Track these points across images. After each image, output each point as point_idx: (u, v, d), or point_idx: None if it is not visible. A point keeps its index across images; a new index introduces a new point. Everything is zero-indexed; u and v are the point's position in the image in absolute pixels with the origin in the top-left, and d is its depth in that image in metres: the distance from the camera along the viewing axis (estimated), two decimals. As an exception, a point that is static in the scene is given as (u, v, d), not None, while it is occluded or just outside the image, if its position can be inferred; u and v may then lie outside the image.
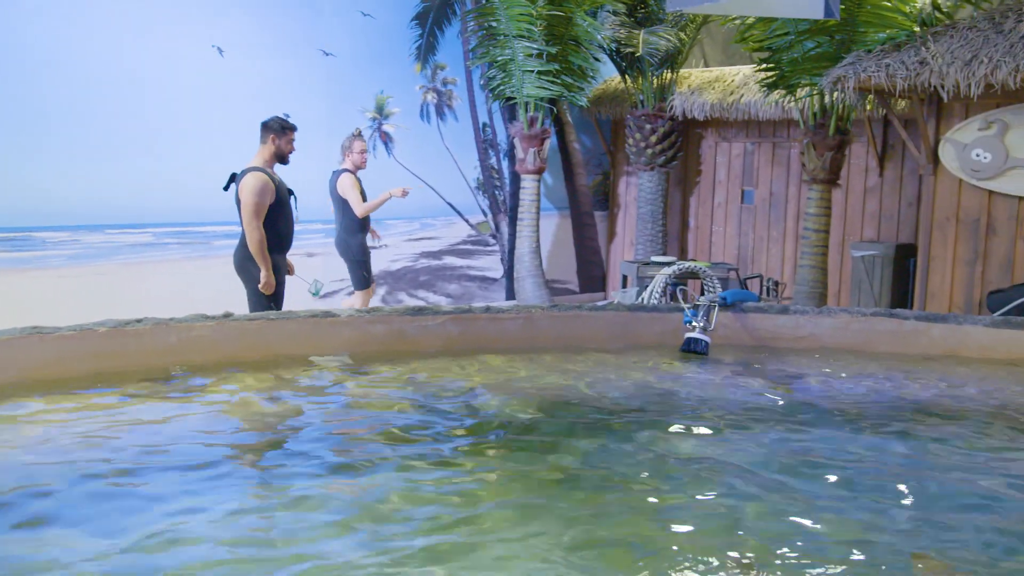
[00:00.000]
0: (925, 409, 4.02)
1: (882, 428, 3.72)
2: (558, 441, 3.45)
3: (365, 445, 3.34)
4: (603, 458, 3.27)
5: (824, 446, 3.47)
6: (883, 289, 8.66)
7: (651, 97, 10.14)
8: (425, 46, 9.61)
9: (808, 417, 3.89)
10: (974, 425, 3.78)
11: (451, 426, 3.63)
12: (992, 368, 4.77)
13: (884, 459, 3.34)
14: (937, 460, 3.34)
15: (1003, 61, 6.70)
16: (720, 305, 5.18)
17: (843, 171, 9.05)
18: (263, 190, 5.69)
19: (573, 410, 3.90)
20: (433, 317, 4.95)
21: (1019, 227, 7.48)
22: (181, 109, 7.76)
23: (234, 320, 4.53)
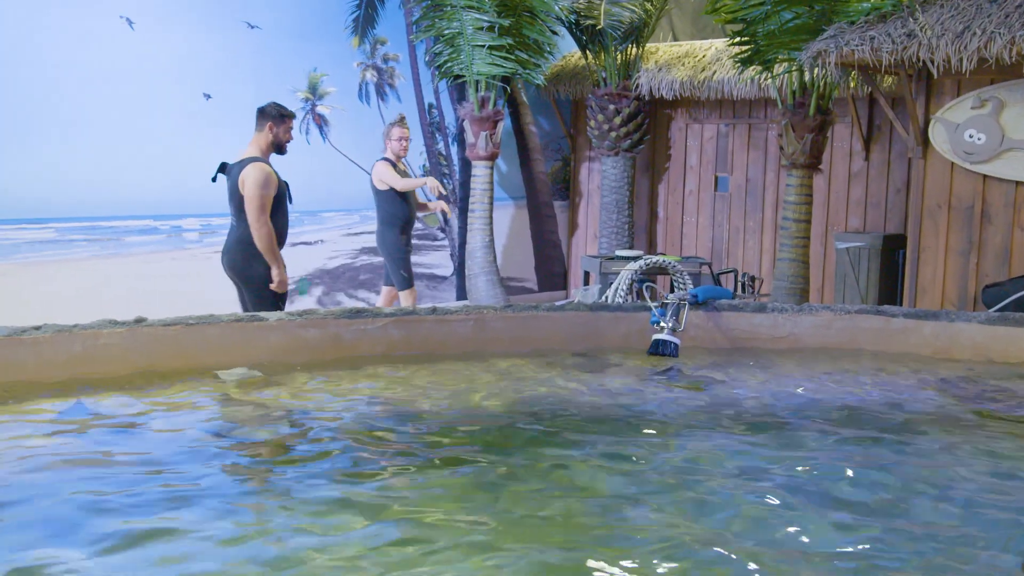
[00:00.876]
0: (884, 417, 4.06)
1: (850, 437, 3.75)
2: (509, 453, 3.43)
3: (292, 463, 3.29)
4: (561, 470, 3.25)
5: (786, 455, 3.49)
6: (870, 284, 8.77)
7: (615, 75, 10.16)
8: (363, 18, 9.54)
9: (782, 423, 3.92)
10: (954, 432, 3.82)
11: (388, 441, 3.60)
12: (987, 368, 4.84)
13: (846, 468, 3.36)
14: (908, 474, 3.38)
15: (997, 33, 6.80)
16: (691, 303, 5.19)
17: (825, 155, 9.15)
18: (267, 182, 5.77)
19: (527, 419, 3.88)
20: (373, 320, 4.91)
21: (1016, 215, 7.61)
22: (85, 89, 7.62)
23: (147, 326, 4.45)
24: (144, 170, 7.92)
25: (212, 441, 3.53)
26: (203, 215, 8.39)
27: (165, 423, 3.69)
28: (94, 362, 4.22)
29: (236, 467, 3.30)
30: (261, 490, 3.09)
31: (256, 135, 5.96)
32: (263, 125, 5.94)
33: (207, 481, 3.08)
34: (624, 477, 3.23)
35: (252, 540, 2.62)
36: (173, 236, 8.26)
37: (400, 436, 3.68)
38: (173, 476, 3.11)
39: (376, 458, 3.39)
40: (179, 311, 4.75)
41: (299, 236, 9.09)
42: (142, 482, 3.04)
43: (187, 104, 8.16)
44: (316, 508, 2.86)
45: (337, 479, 3.14)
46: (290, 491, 3.01)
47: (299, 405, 4.05)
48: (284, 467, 3.30)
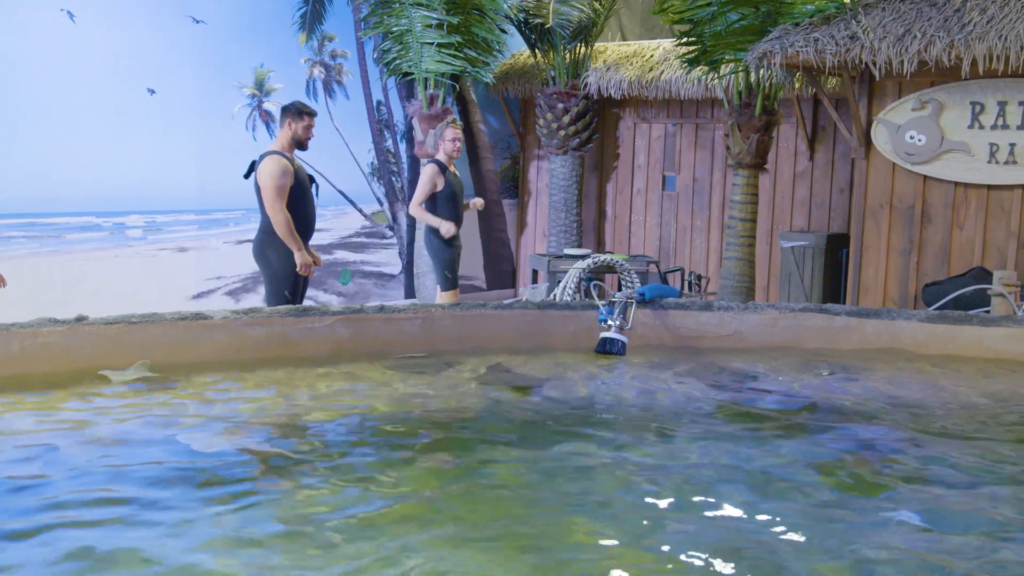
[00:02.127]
0: (818, 410, 4.13)
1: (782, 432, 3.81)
2: (460, 453, 3.43)
3: (236, 468, 3.26)
4: (510, 469, 3.26)
5: (741, 452, 3.53)
6: (814, 282, 8.90)
7: (563, 73, 10.20)
8: (311, 14, 9.48)
9: (728, 421, 3.96)
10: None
11: (335, 442, 3.58)
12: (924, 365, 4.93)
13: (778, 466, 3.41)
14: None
15: (937, 36, 6.94)
16: (638, 302, 5.23)
17: (771, 155, 9.27)
18: (283, 172, 6.01)
19: (474, 418, 3.89)
20: (320, 318, 4.88)
21: (955, 215, 7.77)
22: (24, 83, 7.47)
23: (88, 325, 4.39)
24: (86, 166, 7.80)
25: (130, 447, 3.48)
26: (147, 212, 8.29)
27: (100, 431, 3.64)
28: (33, 362, 4.14)
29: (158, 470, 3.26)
30: (187, 496, 3.06)
31: (279, 132, 6.22)
32: (284, 121, 6.17)
33: (140, 489, 3.04)
34: (565, 478, 3.25)
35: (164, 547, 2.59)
36: (116, 233, 8.15)
37: (357, 436, 3.66)
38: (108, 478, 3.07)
39: (334, 459, 3.38)
40: (122, 310, 4.69)
41: (245, 234, 9.01)
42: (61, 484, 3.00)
43: (131, 99, 8.05)
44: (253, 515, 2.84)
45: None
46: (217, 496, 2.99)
47: (238, 407, 4.02)
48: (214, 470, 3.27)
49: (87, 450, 3.32)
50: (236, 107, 8.86)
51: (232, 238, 8.91)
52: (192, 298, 8.52)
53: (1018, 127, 7.33)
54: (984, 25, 6.85)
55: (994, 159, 7.45)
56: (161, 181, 8.28)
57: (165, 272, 8.41)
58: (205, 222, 8.70)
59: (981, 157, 7.50)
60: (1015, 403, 4.32)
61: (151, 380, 4.22)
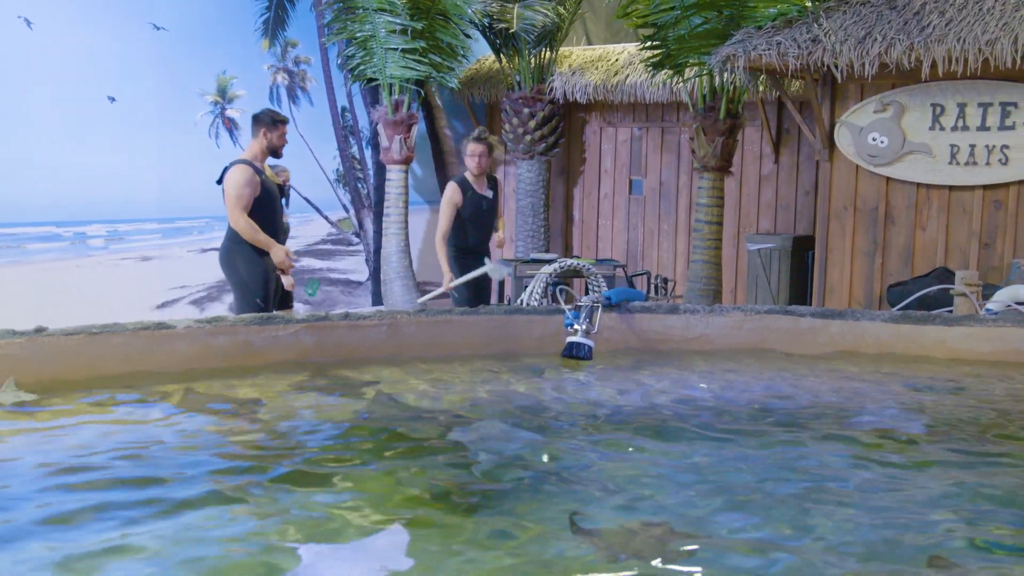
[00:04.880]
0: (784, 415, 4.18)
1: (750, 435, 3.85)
2: (427, 461, 3.44)
3: (196, 480, 3.25)
4: (477, 476, 3.27)
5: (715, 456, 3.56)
6: (781, 284, 8.97)
7: (529, 78, 10.24)
8: (273, 20, 9.46)
9: (697, 423, 4.00)
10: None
11: (301, 451, 3.58)
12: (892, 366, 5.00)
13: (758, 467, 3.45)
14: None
15: (897, 39, 7.03)
16: (604, 306, 5.26)
17: (736, 158, 9.33)
18: (247, 182, 6.02)
19: (437, 425, 3.89)
20: (284, 327, 4.88)
21: (918, 216, 7.87)
22: (-17, 92, 7.41)
23: (48, 336, 4.35)
24: (45, 175, 7.72)
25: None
26: (109, 221, 8.23)
27: (60, 444, 3.62)
28: (-8, 373, 4.10)
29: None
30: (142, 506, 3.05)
31: (252, 141, 6.24)
32: (258, 131, 6.19)
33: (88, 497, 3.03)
34: (540, 480, 3.26)
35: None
36: (77, 243, 8.08)
37: (319, 443, 3.66)
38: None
39: (305, 466, 3.37)
40: (84, 321, 4.65)
41: (209, 242, 8.96)
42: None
43: (90, 107, 7.99)
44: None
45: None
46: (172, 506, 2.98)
47: (202, 418, 4.00)
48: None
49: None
50: (198, 114, 8.82)
51: (196, 246, 8.86)
52: (156, 308, 8.46)
53: (978, 128, 7.44)
54: (943, 28, 6.95)
55: (955, 160, 7.56)
56: (123, 189, 8.22)
57: (128, 282, 8.34)
58: (168, 231, 8.64)
59: (942, 158, 7.60)
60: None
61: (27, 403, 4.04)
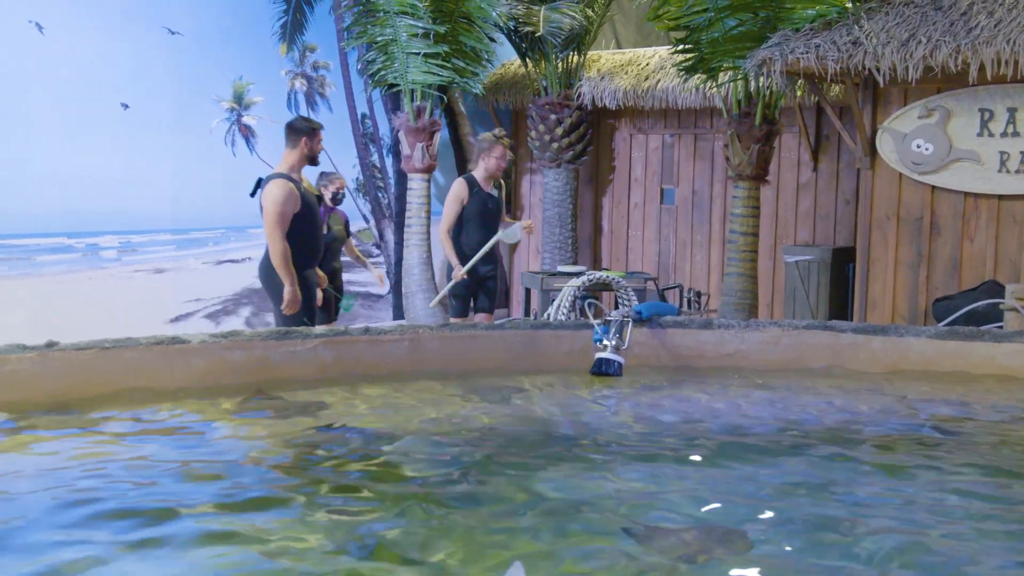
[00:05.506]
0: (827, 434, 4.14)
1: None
2: (448, 482, 3.44)
3: (214, 510, 3.26)
4: (501, 495, 3.27)
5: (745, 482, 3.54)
6: (820, 298, 8.92)
7: (556, 83, 10.25)
8: (291, 24, 9.52)
9: (732, 447, 3.97)
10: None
11: (317, 473, 3.58)
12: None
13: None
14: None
15: (942, 41, 6.99)
16: (635, 320, 5.24)
17: (773, 166, 9.30)
18: (287, 199, 6.00)
19: (462, 445, 3.89)
20: (302, 341, 4.89)
21: (965, 226, 7.80)
22: (-6, 99, 7.50)
23: (59, 351, 4.39)
24: (57, 184, 7.80)
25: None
26: (121, 232, 8.30)
27: (74, 461, 3.64)
28: (1, 390, 4.13)
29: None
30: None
31: (287, 151, 6.20)
32: (296, 141, 6.16)
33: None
34: (568, 500, 3.25)
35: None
36: (89, 254, 8.15)
37: (335, 463, 3.67)
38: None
39: (314, 492, 3.38)
40: (96, 335, 4.69)
41: (225, 254, 9.04)
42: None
43: (103, 114, 8.07)
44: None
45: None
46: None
47: (213, 437, 4.02)
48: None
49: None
50: (214, 122, 8.90)
51: (211, 258, 8.92)
52: (170, 321, 8.52)
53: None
54: (992, 29, 6.90)
55: (1005, 168, 7.49)
56: (136, 200, 8.29)
57: (141, 295, 8.41)
58: (183, 242, 8.71)
59: (991, 166, 7.53)
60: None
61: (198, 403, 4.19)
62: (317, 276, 6.41)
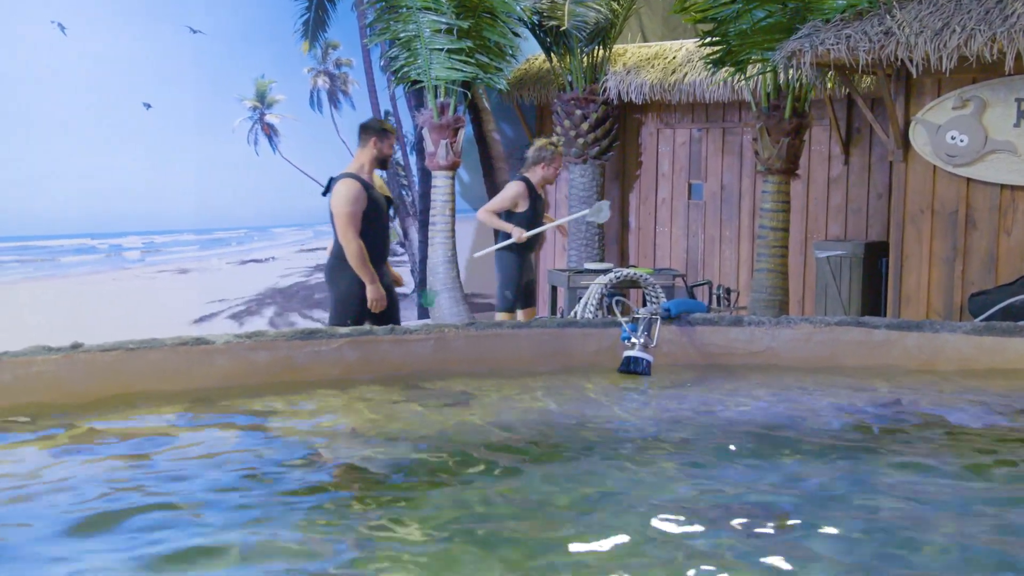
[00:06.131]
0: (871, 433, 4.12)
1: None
2: (476, 478, 3.44)
3: (243, 507, 3.29)
4: (530, 494, 3.27)
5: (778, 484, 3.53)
6: (852, 294, 8.86)
7: (581, 78, 10.23)
8: (313, 21, 9.55)
9: (760, 447, 3.96)
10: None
11: (344, 473, 3.60)
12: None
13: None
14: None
15: (977, 30, 6.92)
16: (663, 318, 5.23)
17: (803, 159, 9.24)
18: (355, 198, 6.15)
19: (490, 444, 3.90)
20: (327, 341, 4.91)
21: (1002, 219, 7.73)
22: (14, 98, 7.56)
23: (84, 352, 4.43)
24: (80, 185, 7.87)
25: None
26: (145, 232, 8.36)
27: (103, 465, 3.67)
28: (27, 392, 4.18)
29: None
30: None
31: (359, 151, 6.38)
32: (367, 140, 6.32)
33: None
34: (589, 498, 3.25)
35: None
36: (113, 255, 8.22)
37: (369, 463, 3.68)
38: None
39: (345, 491, 3.40)
40: (120, 336, 4.73)
41: (249, 254, 9.08)
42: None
43: (125, 114, 8.13)
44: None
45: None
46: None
47: (242, 435, 4.04)
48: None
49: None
50: (236, 121, 8.94)
51: (235, 258, 8.97)
52: (194, 322, 8.57)
53: (1066, 125, 7.30)
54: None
55: (1042, 159, 7.42)
56: (159, 200, 8.35)
57: (165, 295, 8.47)
58: (206, 242, 8.76)
59: (1028, 157, 7.46)
60: None
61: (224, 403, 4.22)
62: (390, 274, 6.58)
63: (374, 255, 6.30)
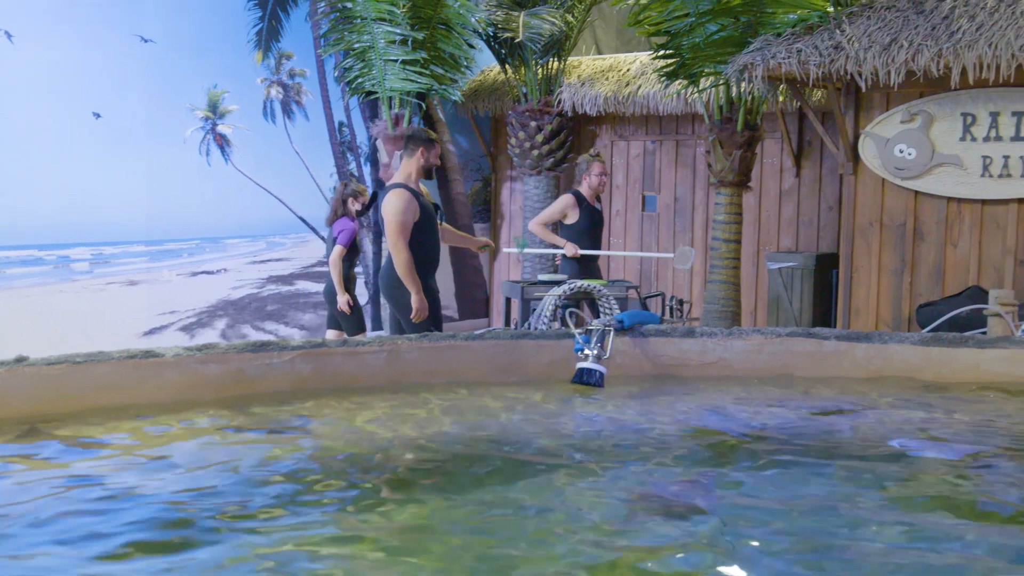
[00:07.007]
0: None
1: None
2: (427, 491, 3.43)
3: (189, 525, 3.25)
4: (480, 507, 3.26)
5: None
6: (803, 305, 8.96)
7: (535, 90, 10.27)
8: (267, 31, 9.51)
9: (711, 452, 3.98)
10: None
11: (290, 487, 3.57)
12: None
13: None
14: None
15: (924, 45, 7.04)
16: (617, 329, 5.25)
17: (755, 172, 9.35)
18: (406, 208, 6.14)
19: (440, 457, 3.89)
20: (279, 354, 4.87)
21: (949, 231, 7.86)
22: (-37, 109, 7.47)
23: (29, 366, 4.36)
24: (27, 195, 7.77)
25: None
26: (94, 243, 8.26)
27: (43, 483, 3.62)
28: (-30, 406, 4.11)
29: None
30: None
31: (405, 160, 6.35)
32: (414, 150, 6.31)
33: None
34: (539, 510, 3.25)
35: None
36: (60, 267, 8.11)
37: (313, 477, 3.66)
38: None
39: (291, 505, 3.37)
40: (67, 349, 4.66)
41: (200, 265, 9.01)
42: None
43: (74, 123, 8.04)
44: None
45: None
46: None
47: (188, 450, 4.00)
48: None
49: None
50: (188, 131, 8.87)
51: (186, 270, 8.90)
52: (143, 335, 8.48)
53: (1012, 139, 7.44)
54: (973, 33, 6.96)
55: (988, 173, 7.55)
56: (108, 210, 8.26)
57: (114, 307, 8.37)
58: (156, 253, 8.68)
59: (974, 171, 7.59)
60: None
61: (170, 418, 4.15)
62: (435, 284, 6.54)
63: (426, 264, 6.32)
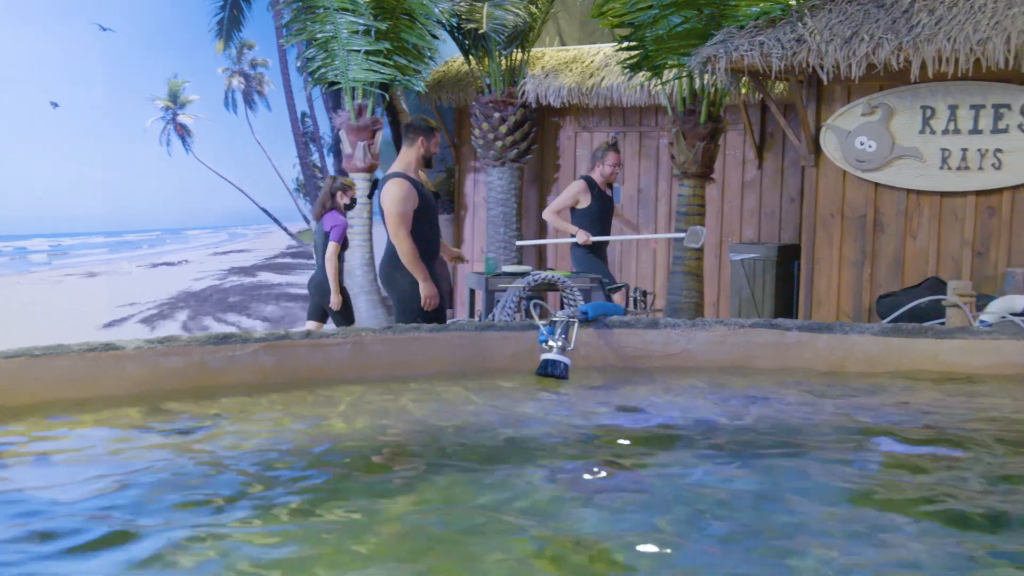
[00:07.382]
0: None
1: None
2: (389, 484, 3.42)
3: (145, 517, 3.22)
4: (442, 499, 3.26)
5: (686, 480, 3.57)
6: (766, 296, 9.02)
7: (499, 81, 10.26)
8: (228, 20, 9.43)
9: (674, 444, 4.01)
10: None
11: (253, 482, 3.55)
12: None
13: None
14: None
15: (884, 38, 7.10)
16: (581, 321, 5.26)
17: (718, 164, 9.39)
18: (406, 197, 6.16)
19: (403, 449, 3.88)
20: (241, 346, 4.84)
21: (908, 223, 7.94)
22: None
23: (-14, 358, 4.30)
24: (-17, 186, 7.67)
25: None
26: (52, 235, 8.16)
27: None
28: (-74, 400, 4.05)
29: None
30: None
31: (405, 150, 6.38)
32: (414, 139, 6.33)
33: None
34: (500, 504, 3.26)
35: None
36: (17, 258, 8.00)
37: (278, 472, 3.64)
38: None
39: (258, 499, 3.35)
40: (25, 342, 4.61)
41: (160, 256, 8.93)
42: None
43: (31, 113, 7.93)
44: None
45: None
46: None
47: (150, 444, 3.97)
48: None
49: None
50: (148, 121, 8.78)
51: (146, 261, 8.81)
52: (103, 327, 8.39)
53: (970, 132, 7.53)
54: (933, 27, 7.03)
55: (946, 165, 7.64)
56: (66, 201, 8.16)
57: (72, 299, 8.28)
58: (116, 244, 8.59)
59: (933, 163, 7.68)
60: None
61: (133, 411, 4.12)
62: (445, 268, 6.59)
63: (427, 252, 6.36)
